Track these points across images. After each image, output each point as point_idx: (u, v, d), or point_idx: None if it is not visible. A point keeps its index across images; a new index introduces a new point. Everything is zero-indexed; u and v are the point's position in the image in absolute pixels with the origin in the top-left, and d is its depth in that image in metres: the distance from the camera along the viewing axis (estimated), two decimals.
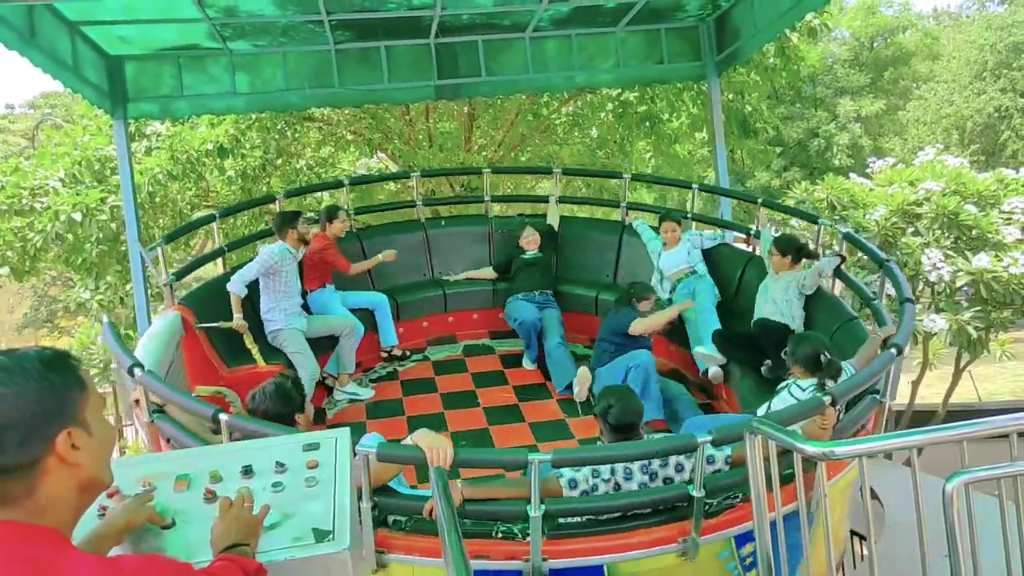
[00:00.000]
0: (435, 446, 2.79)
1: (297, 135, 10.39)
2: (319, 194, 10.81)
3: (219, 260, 6.41)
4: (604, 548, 2.97)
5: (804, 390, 3.93)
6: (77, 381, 1.24)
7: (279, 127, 9.77)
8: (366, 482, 2.82)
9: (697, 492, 2.86)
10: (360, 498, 2.80)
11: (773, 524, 2.65)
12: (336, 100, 7.92)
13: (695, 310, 5.97)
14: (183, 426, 3.55)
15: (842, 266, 5.37)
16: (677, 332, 6.08)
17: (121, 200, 7.75)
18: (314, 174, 10.46)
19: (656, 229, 6.67)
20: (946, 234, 7.78)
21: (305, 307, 6.02)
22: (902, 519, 4.10)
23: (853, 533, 4.41)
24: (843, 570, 3.75)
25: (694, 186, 7.38)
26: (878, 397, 3.70)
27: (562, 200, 7.67)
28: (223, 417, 3.27)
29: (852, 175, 9.38)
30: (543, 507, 2.82)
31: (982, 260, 7.38)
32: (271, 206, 9.43)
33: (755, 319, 5.56)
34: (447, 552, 1.78)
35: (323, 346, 5.92)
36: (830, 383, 3.79)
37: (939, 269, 7.56)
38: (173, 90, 7.11)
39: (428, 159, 10.09)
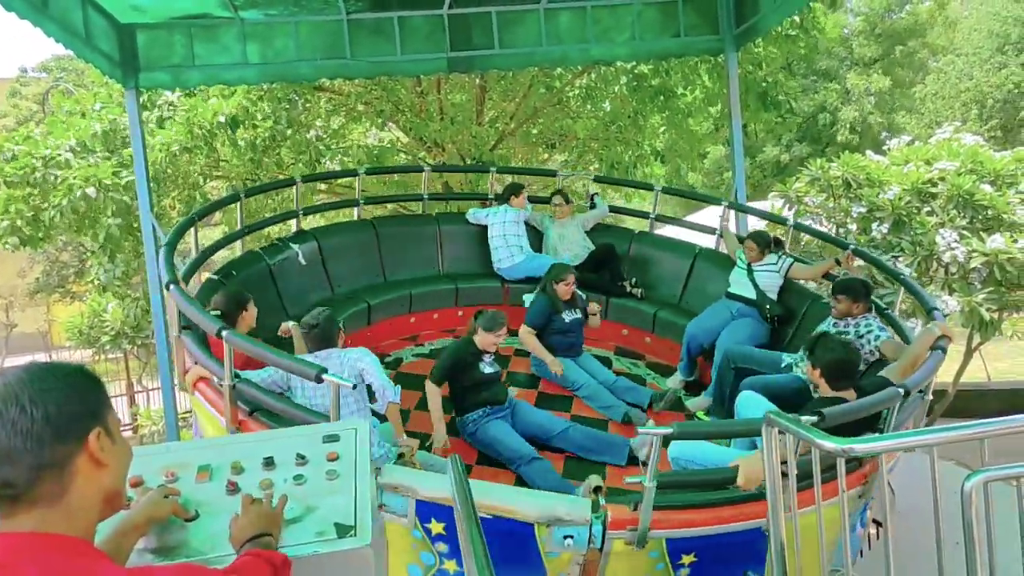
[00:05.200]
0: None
1: (308, 105, 10.29)
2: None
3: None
4: None
5: (774, 263, 5.76)
6: (103, 391, 1.33)
7: (290, 97, 9.67)
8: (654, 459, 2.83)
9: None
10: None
11: None
12: (348, 72, 7.80)
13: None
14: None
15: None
16: None
17: (134, 173, 7.72)
18: (324, 145, 10.36)
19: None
20: (961, 214, 7.69)
21: None
22: (912, 503, 4.11)
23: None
24: (860, 554, 3.79)
25: (562, 174, 8.44)
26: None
27: (433, 197, 7.93)
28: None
29: (869, 152, 9.26)
30: None
31: (997, 241, 7.30)
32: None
33: (557, 262, 6.41)
34: (468, 548, 1.78)
35: None
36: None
37: (953, 249, 7.49)
38: (184, 60, 7.05)
39: (439, 132, 9.99)
